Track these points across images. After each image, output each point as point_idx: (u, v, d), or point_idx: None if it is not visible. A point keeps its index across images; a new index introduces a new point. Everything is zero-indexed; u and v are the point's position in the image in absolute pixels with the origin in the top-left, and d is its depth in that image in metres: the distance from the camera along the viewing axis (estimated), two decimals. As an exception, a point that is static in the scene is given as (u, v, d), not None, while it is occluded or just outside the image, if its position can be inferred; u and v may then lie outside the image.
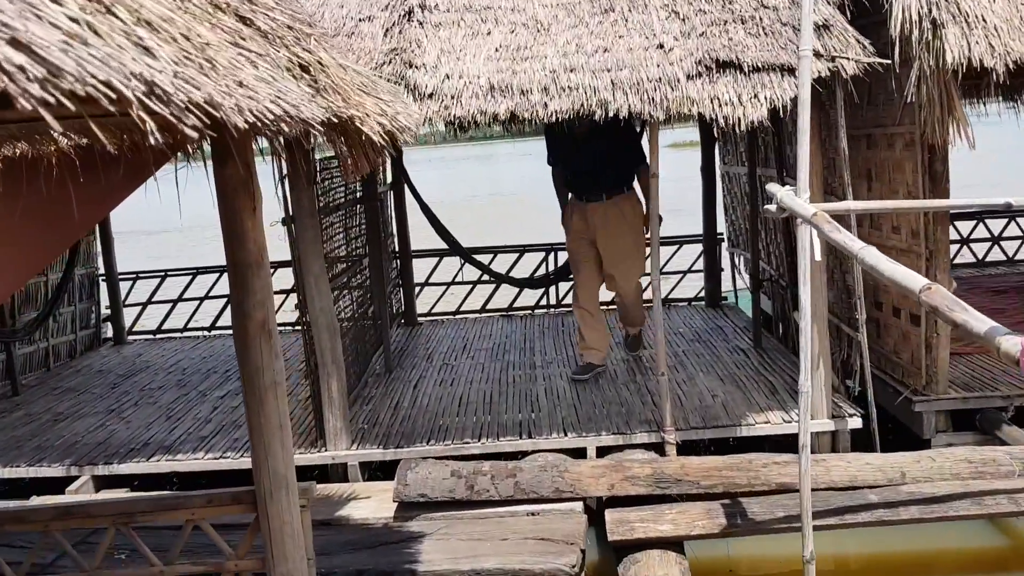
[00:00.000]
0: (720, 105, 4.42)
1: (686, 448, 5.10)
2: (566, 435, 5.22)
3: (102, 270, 8.74)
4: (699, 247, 8.33)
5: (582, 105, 4.52)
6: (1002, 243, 8.92)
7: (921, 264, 4.76)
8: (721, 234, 8.36)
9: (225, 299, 8.76)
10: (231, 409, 6.17)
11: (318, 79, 2.32)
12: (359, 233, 6.77)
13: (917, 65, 4.28)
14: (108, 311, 8.87)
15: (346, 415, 5.27)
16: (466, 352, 7.35)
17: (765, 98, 4.38)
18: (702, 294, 8.53)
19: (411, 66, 4.67)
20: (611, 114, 4.50)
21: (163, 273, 8.97)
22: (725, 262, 8.47)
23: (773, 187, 3.32)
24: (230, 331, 8.77)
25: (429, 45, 4.81)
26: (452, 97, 4.59)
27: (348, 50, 4.84)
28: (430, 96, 4.60)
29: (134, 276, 9.00)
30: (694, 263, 8.43)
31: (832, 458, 4.52)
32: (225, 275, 8.92)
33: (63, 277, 7.91)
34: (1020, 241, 8.99)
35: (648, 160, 5.09)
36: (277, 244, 6.46)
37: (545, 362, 6.85)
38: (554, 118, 4.51)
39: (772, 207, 3.25)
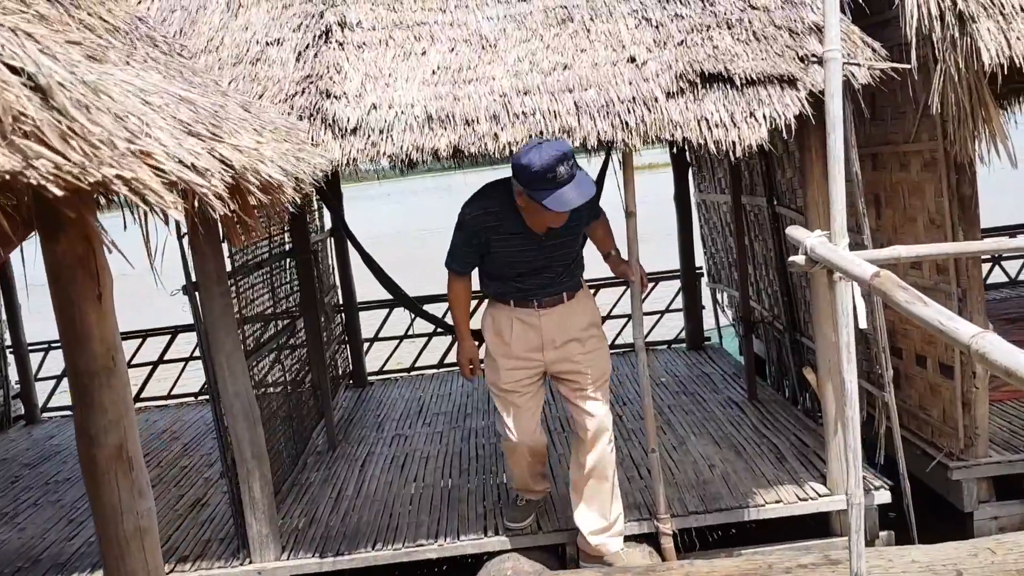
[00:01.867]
0: (709, 127, 3.63)
1: (683, 536, 4.26)
2: (540, 529, 4.33)
3: (8, 340, 7.71)
4: (677, 284, 7.54)
5: (540, 134, 3.70)
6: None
7: (953, 305, 4.00)
8: (700, 268, 7.59)
9: (165, 364, 7.79)
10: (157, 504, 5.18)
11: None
12: (291, 290, 5.86)
13: (941, 68, 3.53)
14: (18, 386, 7.81)
15: (273, 519, 4.34)
16: (422, 418, 6.44)
17: (764, 116, 3.60)
18: (682, 335, 7.72)
19: (328, 96, 3.82)
20: (576, 143, 3.68)
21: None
22: (706, 299, 7.69)
23: (798, 232, 2.51)
24: (166, 401, 7.75)
25: (351, 70, 3.96)
26: (380, 132, 3.74)
27: (252, 80, 3.98)
28: (353, 132, 3.75)
29: (46, 346, 7.96)
30: (672, 301, 7.63)
31: (868, 555, 3.67)
32: (166, 336, 8.04)
33: (-42, 353, 6.89)
34: None
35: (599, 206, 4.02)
36: (180, 314, 5.57)
37: (512, 427, 5.96)
38: (507, 151, 3.67)
39: (800, 259, 2.44)
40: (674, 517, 4.23)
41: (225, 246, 4.42)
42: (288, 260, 5.82)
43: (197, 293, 4.14)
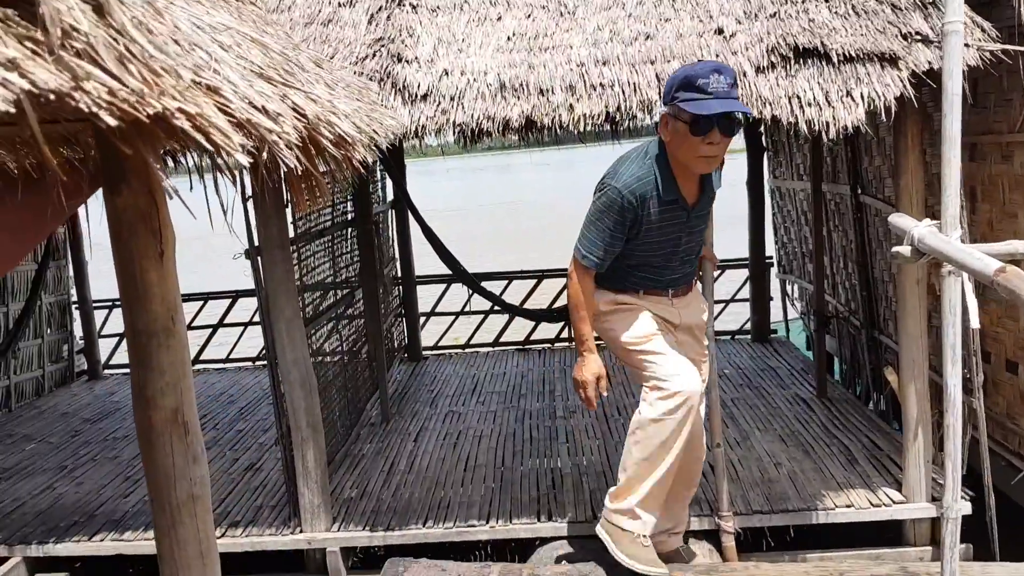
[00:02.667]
0: (801, 105, 3.40)
1: (746, 536, 4.07)
2: (595, 517, 4.18)
3: (75, 297, 7.84)
4: (745, 272, 7.28)
5: (618, 108, 3.52)
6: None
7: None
8: (770, 258, 7.31)
9: (225, 327, 7.84)
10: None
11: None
12: (351, 260, 5.79)
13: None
14: (82, 343, 7.96)
15: (326, 488, 4.28)
16: (476, 395, 6.34)
17: (862, 96, 3.36)
18: (747, 326, 7.47)
19: (400, 60, 3.69)
20: (655, 118, 3.49)
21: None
22: (774, 290, 7.42)
23: (903, 221, 2.31)
24: (224, 364, 7.79)
25: (423, 34, 3.83)
26: (452, 99, 3.61)
27: (323, 41, 3.88)
28: (423, 97, 3.62)
29: (110, 304, 8.08)
30: (738, 290, 7.37)
31: (935, 567, 3.44)
32: (226, 300, 8.06)
33: (25, 306, 7.01)
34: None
35: None
36: (242, 279, 5.53)
37: (567, 410, 5.83)
38: (581, 125, 3.50)
39: (905, 250, 2.23)
40: (737, 515, 4.05)
41: (288, 213, 4.36)
42: (350, 230, 5.75)
43: (259, 258, 4.08)
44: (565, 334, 7.65)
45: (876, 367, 5.39)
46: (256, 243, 4.04)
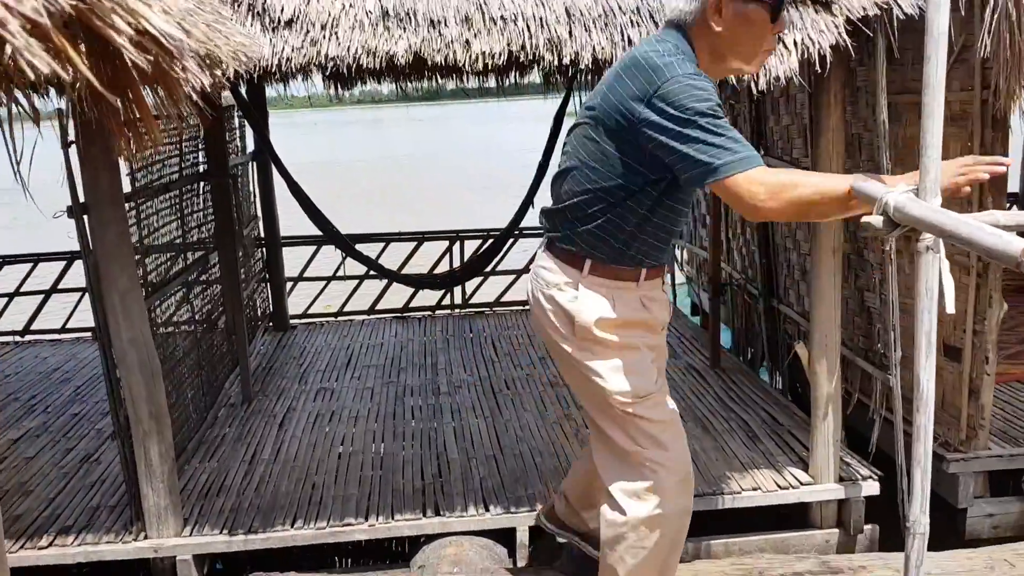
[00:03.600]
0: (725, 53, 3.00)
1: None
2: (487, 509, 3.77)
3: None
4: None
5: (522, 46, 3.02)
6: None
7: (971, 281, 3.54)
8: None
9: (60, 294, 6.86)
10: (40, 460, 4.41)
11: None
12: (204, 219, 5.07)
13: (999, 3, 2.99)
14: None
15: (174, 487, 3.65)
16: (350, 369, 5.78)
17: (795, 44, 3.00)
18: (635, 291, 7.21)
19: (259, -24, 3.04)
20: (564, 60, 3.03)
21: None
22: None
23: (872, 187, 1.94)
24: (59, 336, 6.79)
25: (289, -52, 3.18)
26: (323, 27, 3.01)
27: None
28: (288, 24, 3.00)
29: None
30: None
31: (859, 560, 3.24)
32: (60, 263, 6.98)
33: None
34: None
35: None
36: (66, 239, 4.71)
37: (452, 385, 5.37)
38: (480, 64, 2.99)
39: (876, 220, 1.87)
40: (641, 502, 3.73)
41: (124, 164, 3.64)
42: (202, 184, 5.02)
43: (86, 217, 3.37)
44: (447, 300, 7.16)
45: (772, 337, 5.21)
46: (82, 199, 3.33)
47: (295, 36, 2.99)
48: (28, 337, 6.81)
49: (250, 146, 6.35)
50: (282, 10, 3.02)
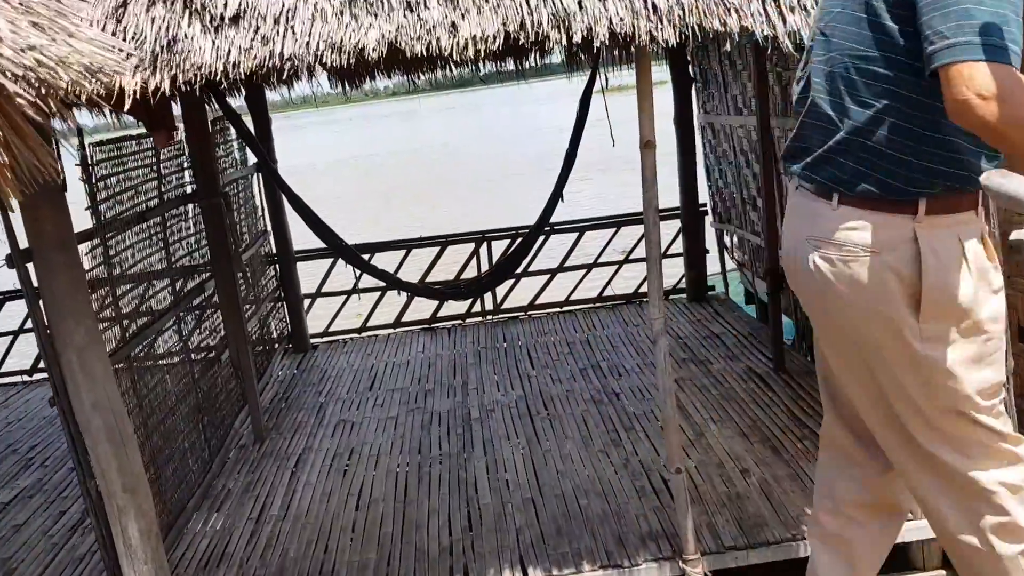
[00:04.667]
0: (782, 11, 2.39)
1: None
2: (524, 572, 3.21)
3: None
4: (676, 224, 6.34)
5: (521, 25, 2.43)
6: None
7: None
8: (703, 205, 6.39)
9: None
10: (30, 527, 3.99)
11: None
12: (197, 244, 4.58)
13: None
14: None
15: (162, 567, 3.17)
16: (373, 396, 5.26)
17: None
18: (682, 284, 6.57)
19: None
20: (574, 37, 2.43)
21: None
22: (709, 242, 6.52)
23: (1014, 184, 1.33)
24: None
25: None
26: (275, 21, 2.45)
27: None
28: (233, 21, 2.45)
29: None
30: (671, 244, 6.43)
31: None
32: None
33: None
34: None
35: None
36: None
37: (484, 409, 4.82)
38: (470, 51, 2.41)
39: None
40: (705, 556, 3.14)
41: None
42: (192, 206, 4.52)
43: (30, 265, 2.88)
44: (477, 307, 6.60)
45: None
46: (24, 244, 2.85)
47: (242, 34, 2.44)
48: (36, 376, 6.44)
49: (252, 157, 5.85)
50: (225, 5, 2.47)
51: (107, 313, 3.41)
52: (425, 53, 2.40)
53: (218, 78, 2.39)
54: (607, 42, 2.42)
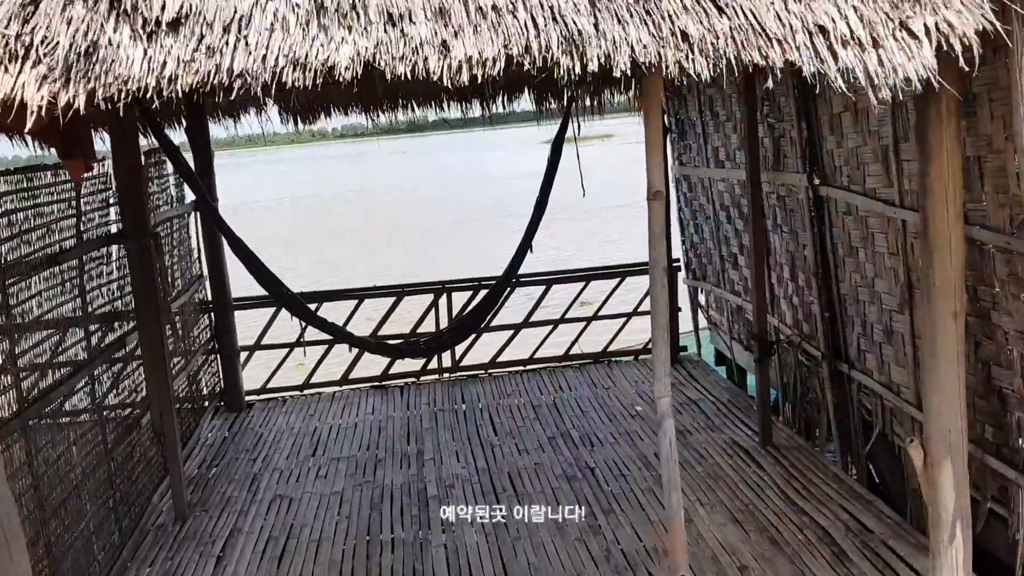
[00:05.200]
0: (830, 45, 2.03)
1: None
2: None
3: None
4: (647, 279, 5.94)
5: (526, 48, 2.02)
6: None
7: None
8: (677, 261, 6.05)
9: None
10: None
11: None
12: (119, 292, 4.01)
13: None
14: None
15: None
16: (315, 465, 4.69)
17: (927, 30, 2.01)
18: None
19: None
20: (589, 65, 2.02)
21: None
22: (681, 299, 6.16)
23: None
24: None
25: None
26: (224, 29, 1.99)
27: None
28: (172, 26, 1.98)
29: None
30: (641, 302, 6.03)
31: None
32: None
33: None
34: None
35: None
36: None
37: (443, 484, 4.30)
38: (463, 75, 1.98)
39: None
40: (711, 678, 2.68)
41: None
42: (116, 248, 3.97)
43: None
44: (433, 364, 6.07)
45: (842, 410, 4.19)
46: None
47: (182, 43, 1.96)
48: None
49: (189, 195, 5.30)
50: (162, 7, 1.99)
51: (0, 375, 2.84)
52: (409, 75, 1.97)
53: (150, 94, 1.92)
54: (628, 71, 2.01)
